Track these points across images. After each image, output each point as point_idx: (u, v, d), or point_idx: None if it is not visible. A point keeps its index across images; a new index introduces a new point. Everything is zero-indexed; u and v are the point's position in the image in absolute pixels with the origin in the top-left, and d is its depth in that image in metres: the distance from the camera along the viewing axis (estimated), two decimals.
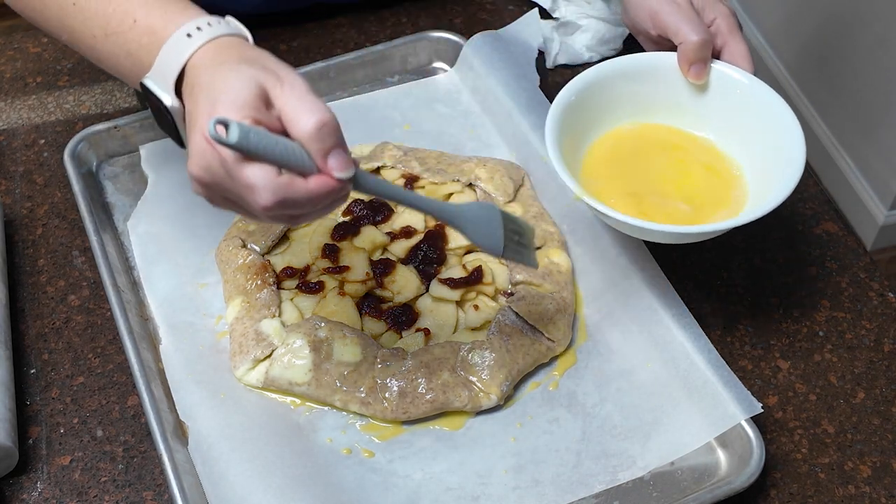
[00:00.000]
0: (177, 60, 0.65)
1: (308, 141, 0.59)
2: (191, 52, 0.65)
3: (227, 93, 0.60)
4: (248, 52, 0.65)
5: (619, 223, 0.75)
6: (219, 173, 0.60)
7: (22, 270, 0.88)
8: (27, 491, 0.75)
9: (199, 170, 0.61)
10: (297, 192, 0.60)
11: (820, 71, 2.05)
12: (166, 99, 0.65)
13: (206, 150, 0.60)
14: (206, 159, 0.60)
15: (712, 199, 0.81)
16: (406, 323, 0.81)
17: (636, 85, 0.84)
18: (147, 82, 0.66)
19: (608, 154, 0.84)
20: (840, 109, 2.03)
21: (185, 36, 0.65)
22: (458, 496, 0.74)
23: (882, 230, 1.99)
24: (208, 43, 0.65)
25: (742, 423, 0.74)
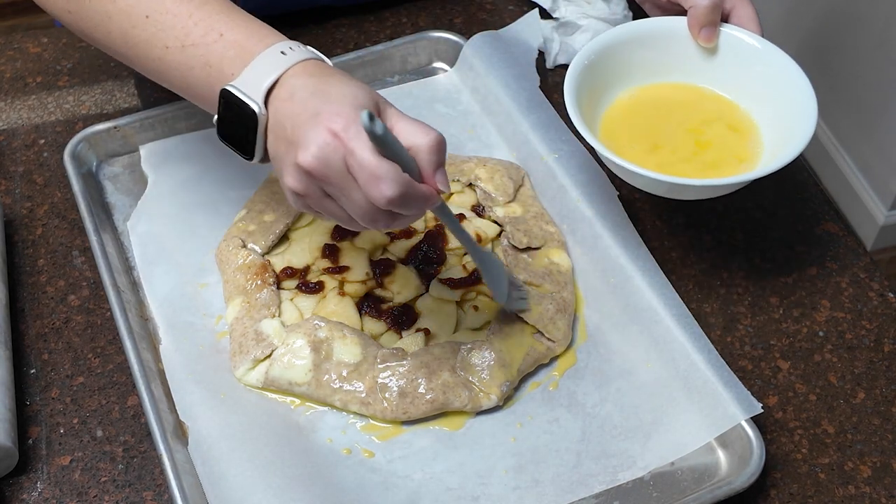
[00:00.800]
0: (272, 72, 0.67)
1: (425, 152, 0.64)
2: (288, 65, 0.67)
3: (350, 97, 0.64)
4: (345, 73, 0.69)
5: (641, 178, 0.76)
6: (336, 166, 0.63)
7: (22, 270, 0.88)
8: (27, 491, 0.75)
9: (316, 161, 0.63)
10: (416, 191, 0.63)
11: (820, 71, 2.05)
12: (255, 106, 0.67)
13: (329, 142, 0.62)
14: (327, 151, 0.62)
15: (731, 152, 0.82)
16: (406, 323, 0.81)
17: (649, 49, 0.85)
18: (232, 89, 0.67)
19: (625, 113, 0.85)
20: (840, 109, 2.03)
21: (279, 52, 0.68)
22: (458, 496, 0.74)
23: (882, 230, 1.99)
24: (302, 61, 0.68)
25: (742, 424, 0.74)
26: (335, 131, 0.62)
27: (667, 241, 0.90)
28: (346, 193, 0.64)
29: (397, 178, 0.62)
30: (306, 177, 0.64)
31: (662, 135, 0.84)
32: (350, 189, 0.63)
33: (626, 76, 0.86)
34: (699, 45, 0.84)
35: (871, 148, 1.97)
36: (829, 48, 2.00)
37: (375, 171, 0.61)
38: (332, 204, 0.66)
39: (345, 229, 0.86)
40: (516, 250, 0.86)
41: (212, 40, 0.70)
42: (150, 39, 0.72)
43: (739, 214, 0.93)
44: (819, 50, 2.03)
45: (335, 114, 0.63)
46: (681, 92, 0.87)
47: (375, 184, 0.62)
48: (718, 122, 0.85)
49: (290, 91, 0.66)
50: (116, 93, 1.02)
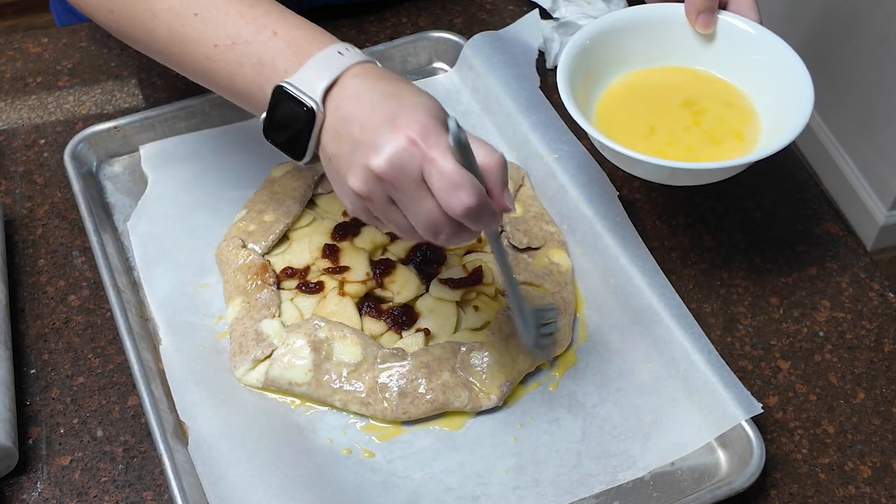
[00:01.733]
0: (331, 71, 0.66)
1: (494, 169, 0.64)
2: (346, 65, 0.67)
3: (424, 106, 0.64)
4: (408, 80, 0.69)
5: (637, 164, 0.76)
6: (410, 173, 0.62)
7: (22, 270, 0.88)
8: (27, 491, 0.75)
9: (390, 166, 0.62)
10: (490, 205, 0.63)
11: (820, 70, 2.05)
12: (311, 102, 0.66)
13: (406, 149, 0.62)
14: (404, 157, 0.62)
15: (730, 127, 0.82)
16: (406, 323, 0.81)
17: (645, 35, 0.85)
18: (287, 86, 0.66)
19: (620, 98, 0.84)
20: (840, 109, 2.03)
21: (336, 53, 0.67)
22: (459, 496, 0.74)
23: (882, 230, 1.99)
24: (361, 63, 0.67)
25: (742, 424, 0.74)
26: (413, 138, 0.61)
27: (667, 241, 0.90)
28: (415, 202, 0.63)
29: (477, 187, 0.61)
30: (376, 181, 0.63)
31: (658, 116, 0.83)
32: (420, 198, 0.62)
33: (621, 62, 0.85)
34: (696, 31, 0.83)
35: (871, 148, 1.97)
36: (830, 48, 2.00)
37: (456, 178, 0.61)
38: (396, 211, 0.65)
39: (345, 229, 0.86)
40: (516, 250, 0.86)
41: (265, 38, 0.69)
42: (199, 37, 0.71)
43: (739, 214, 0.93)
44: (819, 49, 2.03)
45: (414, 120, 0.62)
46: (677, 74, 0.86)
47: (455, 192, 0.61)
48: (715, 99, 0.84)
49: (356, 92, 0.65)
50: (116, 93, 1.02)
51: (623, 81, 0.85)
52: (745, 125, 0.82)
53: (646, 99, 0.84)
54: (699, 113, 0.83)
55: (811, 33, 2.04)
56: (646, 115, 0.83)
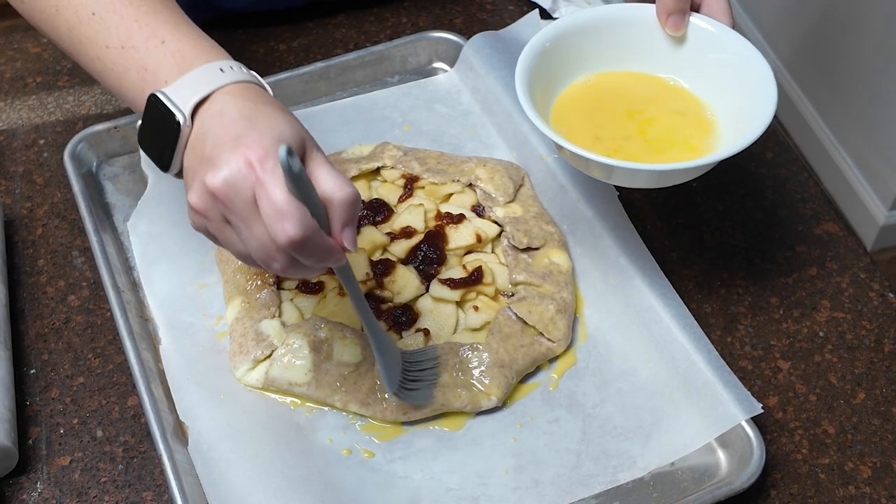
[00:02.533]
0: (206, 86, 0.66)
1: (338, 206, 0.63)
2: (221, 84, 0.66)
3: (277, 130, 0.63)
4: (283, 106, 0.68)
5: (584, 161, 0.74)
6: (243, 195, 0.61)
7: (22, 271, 0.88)
8: (27, 491, 0.75)
9: (224, 185, 0.61)
10: (321, 241, 0.62)
11: (820, 70, 2.05)
12: (179, 116, 0.66)
13: (242, 170, 0.61)
14: (237, 179, 0.61)
15: (683, 143, 0.80)
16: (406, 323, 0.81)
17: (612, 34, 0.83)
18: (161, 95, 0.67)
19: (577, 101, 0.83)
20: (840, 109, 2.03)
21: (218, 70, 0.67)
22: (458, 496, 0.74)
23: (882, 230, 1.99)
24: (240, 83, 0.67)
25: (742, 424, 0.74)
26: (251, 160, 0.60)
27: (667, 242, 0.90)
28: (247, 225, 0.62)
29: (304, 220, 0.60)
30: (211, 198, 0.62)
31: (606, 122, 0.81)
32: (252, 222, 0.61)
33: (582, 63, 0.83)
34: (666, 33, 0.81)
35: (871, 148, 1.97)
36: (830, 48, 2.00)
37: (283, 207, 0.60)
38: (231, 233, 0.64)
39: None
40: (516, 250, 0.86)
41: (153, 45, 0.69)
42: (93, 37, 0.71)
43: (739, 214, 0.93)
44: (819, 50, 2.03)
45: (256, 143, 0.61)
46: (636, 80, 0.84)
47: (280, 220, 0.60)
48: (667, 108, 0.82)
49: (221, 109, 0.65)
50: None
51: (582, 83, 0.84)
52: (699, 135, 0.80)
53: (598, 104, 0.82)
54: (647, 122, 0.81)
55: (811, 33, 2.04)
56: (594, 120, 0.81)
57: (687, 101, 0.83)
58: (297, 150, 0.63)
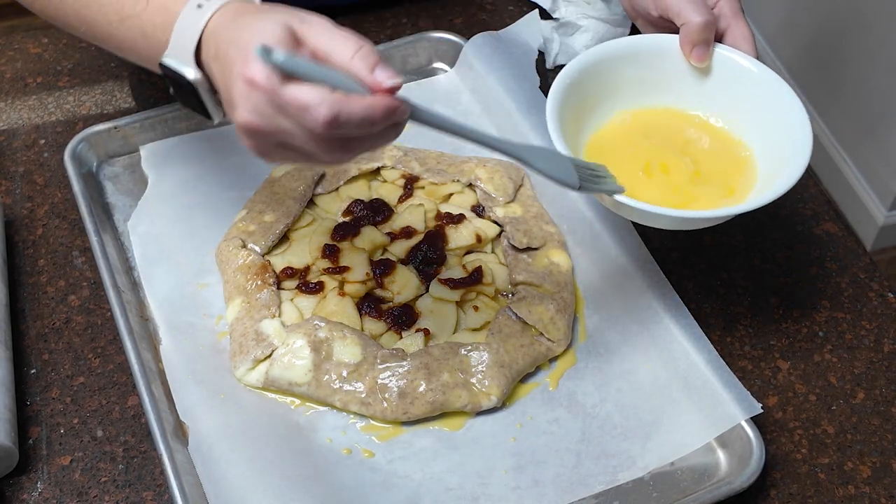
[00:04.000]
0: (192, 32, 0.65)
1: (351, 63, 0.59)
2: (205, 20, 0.65)
3: (257, 35, 0.60)
4: (264, 6, 0.65)
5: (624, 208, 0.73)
6: (267, 112, 0.60)
7: (22, 271, 0.88)
8: (27, 491, 0.75)
9: (248, 114, 0.60)
10: (355, 106, 0.58)
11: (820, 71, 2.05)
12: (188, 73, 0.65)
13: (250, 92, 0.59)
14: (252, 101, 0.59)
15: (720, 182, 0.79)
16: (406, 323, 0.81)
17: (638, 67, 0.82)
18: (166, 61, 0.66)
19: (612, 139, 0.82)
20: (840, 109, 2.03)
21: (195, 7, 0.66)
22: (458, 496, 0.74)
23: (882, 230, 1.99)
24: (221, 9, 0.65)
25: (742, 424, 0.74)
26: (250, 78, 0.59)
27: (667, 242, 0.90)
28: (291, 133, 0.60)
29: (325, 99, 0.57)
30: (250, 132, 0.62)
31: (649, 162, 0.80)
32: (290, 127, 0.60)
33: (613, 96, 0.82)
34: (691, 64, 0.80)
35: (871, 148, 1.97)
36: (830, 49, 2.00)
37: (299, 100, 0.58)
38: (287, 151, 0.63)
39: (345, 229, 0.86)
40: (516, 250, 0.86)
41: (141, 9, 0.69)
42: (96, 17, 0.71)
43: (739, 215, 0.92)
44: (819, 51, 2.03)
45: (243, 60, 0.59)
46: (671, 119, 0.83)
47: (305, 114, 0.58)
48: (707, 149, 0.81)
49: (214, 47, 0.64)
50: (116, 93, 1.02)
51: (615, 122, 0.82)
52: (736, 176, 0.79)
53: (636, 146, 0.81)
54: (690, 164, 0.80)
55: (811, 34, 2.04)
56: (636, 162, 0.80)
57: (722, 139, 0.81)
58: (285, 38, 0.60)
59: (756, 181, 0.78)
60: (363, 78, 0.59)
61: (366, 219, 0.87)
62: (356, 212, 0.88)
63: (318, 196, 0.90)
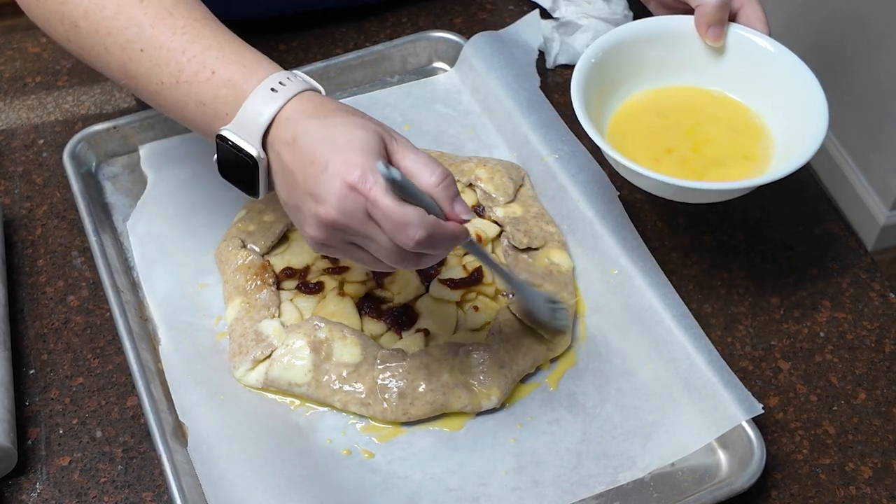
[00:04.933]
0: (265, 113, 0.66)
1: (436, 190, 0.64)
2: (279, 105, 0.66)
3: (357, 141, 0.63)
4: (348, 107, 0.68)
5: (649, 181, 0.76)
6: (357, 216, 0.63)
7: (21, 271, 0.88)
8: (26, 492, 0.75)
9: (338, 213, 0.63)
10: (443, 230, 0.64)
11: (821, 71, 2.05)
12: (252, 150, 0.66)
13: (348, 194, 0.62)
14: (347, 202, 0.62)
15: (739, 156, 0.81)
16: (406, 324, 0.81)
17: (656, 48, 0.84)
18: (227, 134, 0.67)
19: (634, 116, 0.84)
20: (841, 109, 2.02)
21: (269, 90, 0.67)
22: (458, 497, 0.74)
23: (883, 231, 1.98)
24: (298, 96, 0.67)
25: (743, 424, 0.74)
26: (352, 183, 0.62)
27: (667, 242, 0.90)
28: (372, 239, 0.64)
29: (423, 221, 0.62)
30: (330, 229, 0.64)
31: (670, 138, 0.83)
32: (375, 235, 0.63)
33: (634, 76, 0.85)
34: (707, 44, 0.83)
35: (871, 148, 1.97)
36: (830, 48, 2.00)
37: (400, 218, 0.61)
38: (358, 251, 0.66)
39: None
40: (516, 250, 0.85)
41: (204, 78, 0.69)
42: (147, 74, 0.71)
43: (739, 214, 0.93)
44: (820, 50, 2.03)
45: (348, 163, 0.62)
46: (690, 95, 0.86)
47: (402, 230, 0.62)
48: (725, 123, 0.84)
49: (293, 136, 0.65)
50: (116, 93, 1.02)
51: (637, 99, 0.85)
52: (755, 149, 0.82)
53: (657, 122, 0.84)
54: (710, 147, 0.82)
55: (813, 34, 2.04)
56: (656, 137, 0.83)
57: (741, 113, 0.84)
58: (380, 150, 0.64)
59: (774, 154, 0.81)
60: (444, 207, 0.65)
61: None
62: None
63: None
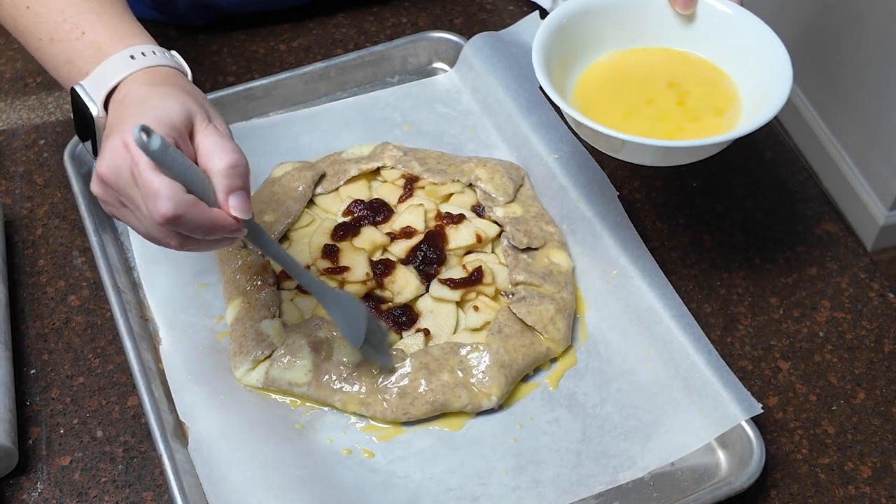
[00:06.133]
0: (114, 76, 0.69)
1: (218, 176, 0.63)
2: (130, 71, 0.68)
3: (159, 109, 0.64)
4: (187, 85, 0.69)
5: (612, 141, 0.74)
6: (124, 177, 0.63)
7: (22, 271, 0.88)
8: (27, 491, 0.75)
9: (108, 170, 0.63)
10: (200, 214, 0.62)
11: (820, 71, 2.05)
12: (93, 108, 0.69)
13: (120, 153, 0.62)
14: (117, 162, 0.62)
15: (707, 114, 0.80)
16: (406, 323, 0.81)
17: (623, 15, 0.83)
18: (78, 89, 0.69)
19: (600, 80, 0.83)
20: (840, 109, 2.03)
21: (128, 57, 0.69)
22: (458, 496, 0.74)
23: (882, 231, 1.99)
24: (150, 68, 0.69)
25: (742, 424, 0.74)
26: (126, 142, 0.62)
27: (667, 242, 0.90)
28: (136, 205, 0.63)
29: (174, 196, 0.60)
30: (101, 184, 0.65)
31: (639, 98, 0.81)
32: (138, 201, 0.63)
33: (598, 42, 0.83)
34: (675, 11, 0.82)
35: (871, 148, 1.97)
36: (830, 49, 2.00)
37: (151, 187, 0.60)
38: (128, 214, 0.66)
39: (345, 229, 0.86)
40: (516, 250, 0.86)
41: (74, 38, 0.72)
42: (30, 29, 0.74)
43: (739, 215, 0.93)
44: (819, 50, 2.03)
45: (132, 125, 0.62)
46: (657, 55, 0.85)
47: (152, 200, 0.61)
48: (697, 79, 0.83)
49: (123, 95, 0.67)
50: None
51: (603, 62, 0.84)
52: (726, 104, 0.81)
53: (626, 81, 0.83)
54: (683, 94, 0.81)
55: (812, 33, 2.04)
56: (625, 96, 0.81)
57: (711, 71, 0.83)
58: (180, 125, 0.63)
59: (741, 111, 0.80)
60: (218, 195, 0.63)
61: (366, 219, 0.87)
62: (356, 212, 0.88)
63: (318, 196, 0.90)
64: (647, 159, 0.77)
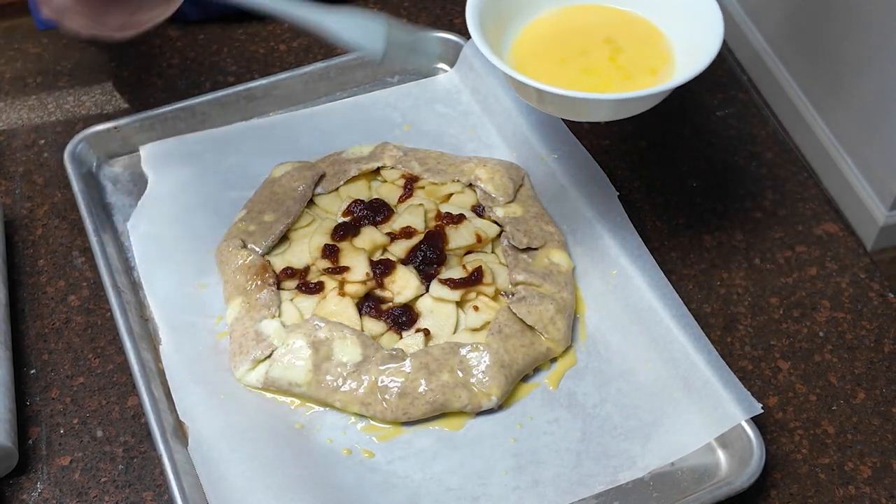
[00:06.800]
0: None
1: None
2: None
3: None
4: None
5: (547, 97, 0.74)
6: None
7: (22, 271, 0.88)
8: (27, 491, 0.75)
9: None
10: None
11: (820, 71, 2.05)
12: None
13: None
14: None
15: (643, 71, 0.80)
16: (406, 323, 0.81)
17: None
18: None
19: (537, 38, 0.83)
20: (840, 109, 2.03)
21: None
22: (458, 496, 0.74)
23: (882, 231, 1.98)
24: None
25: (742, 424, 0.74)
26: None
27: (667, 242, 0.90)
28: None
29: None
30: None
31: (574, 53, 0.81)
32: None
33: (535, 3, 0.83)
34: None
35: (871, 148, 1.97)
36: (830, 48, 2.00)
37: None
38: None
39: (345, 229, 0.86)
40: (516, 250, 0.86)
41: None
42: None
43: (739, 215, 0.93)
44: (819, 50, 2.03)
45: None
46: (598, 13, 0.85)
47: None
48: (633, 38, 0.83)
49: None
50: (116, 93, 1.02)
51: (544, 18, 0.84)
52: (660, 64, 0.81)
53: (564, 35, 0.83)
54: (616, 50, 0.81)
55: (811, 33, 2.04)
56: (559, 49, 0.81)
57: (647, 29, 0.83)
58: None
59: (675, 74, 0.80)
60: None
61: (366, 219, 0.87)
62: (356, 212, 0.88)
63: (318, 196, 0.90)
64: (569, 113, 0.77)
